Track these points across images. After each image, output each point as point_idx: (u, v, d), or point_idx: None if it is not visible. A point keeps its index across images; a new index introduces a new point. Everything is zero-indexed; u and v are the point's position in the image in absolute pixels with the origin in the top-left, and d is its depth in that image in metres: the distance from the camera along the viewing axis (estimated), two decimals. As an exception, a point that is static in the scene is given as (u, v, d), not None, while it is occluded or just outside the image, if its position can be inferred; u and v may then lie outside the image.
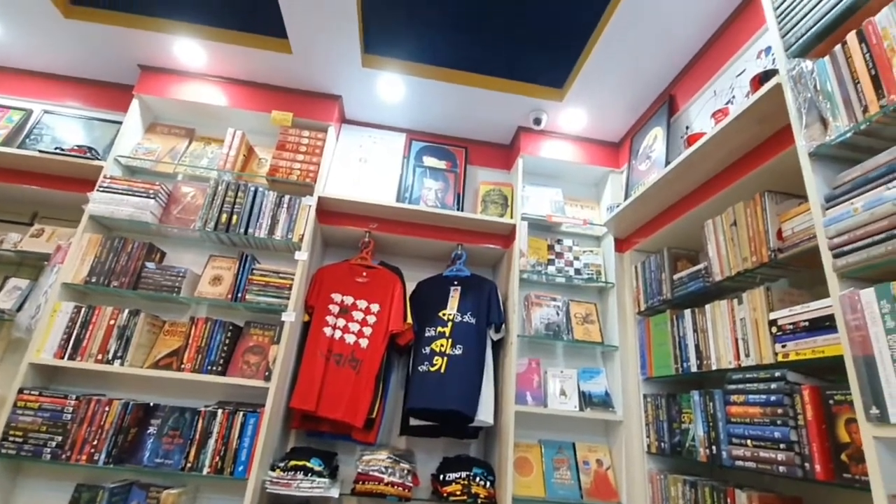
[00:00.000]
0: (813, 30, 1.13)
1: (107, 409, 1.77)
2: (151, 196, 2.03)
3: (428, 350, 2.08)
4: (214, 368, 1.88)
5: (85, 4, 2.04)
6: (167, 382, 2.00)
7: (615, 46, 1.90)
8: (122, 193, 2.02)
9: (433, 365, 2.03)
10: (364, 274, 2.18)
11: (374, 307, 2.11)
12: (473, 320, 2.13)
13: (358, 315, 2.10)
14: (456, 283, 2.24)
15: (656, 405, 1.89)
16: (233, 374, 1.90)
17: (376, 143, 2.44)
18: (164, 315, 2.09)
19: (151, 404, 1.86)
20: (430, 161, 2.48)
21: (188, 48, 2.16)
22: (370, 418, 1.96)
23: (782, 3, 1.24)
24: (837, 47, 1.06)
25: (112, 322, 1.88)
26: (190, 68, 2.30)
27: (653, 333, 1.97)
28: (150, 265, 1.99)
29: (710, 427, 1.53)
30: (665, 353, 1.85)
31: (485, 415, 1.97)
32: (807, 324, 1.21)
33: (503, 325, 2.16)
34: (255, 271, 2.00)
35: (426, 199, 2.35)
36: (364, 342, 2.06)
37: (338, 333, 2.07)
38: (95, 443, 1.73)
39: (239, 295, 1.97)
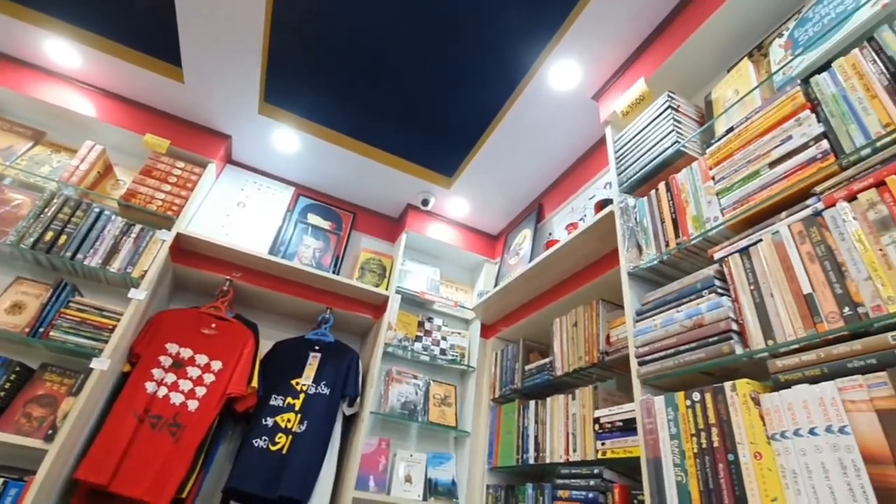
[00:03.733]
0: (638, 175, 1.40)
1: None
2: (-45, 195, 1.67)
3: (270, 422, 1.88)
4: (-24, 420, 1.48)
5: (-63, -31, 1.77)
6: None
7: (499, 154, 2.14)
8: (-89, 184, 1.64)
9: (274, 443, 1.83)
10: (213, 325, 1.97)
11: (216, 364, 1.88)
12: (328, 391, 2.00)
13: (193, 372, 1.85)
14: (317, 348, 2.12)
15: (496, 497, 1.88)
16: (4, 429, 1.50)
17: (260, 190, 2.35)
18: (-76, 343, 1.63)
19: None
20: (314, 219, 2.44)
21: (62, 49, 1.95)
22: (179, 498, 1.66)
23: (620, 150, 1.52)
24: (653, 191, 1.31)
25: None
26: (60, 69, 2.06)
27: (503, 422, 2.01)
28: (-77, 277, 1.58)
29: (538, 523, 1.55)
30: (510, 442, 1.89)
31: (319, 500, 1.78)
32: (621, 424, 1.33)
33: (358, 400, 2.05)
34: (71, 304, 1.69)
35: (302, 257, 2.26)
36: (193, 404, 1.79)
37: (162, 391, 1.78)
38: None
39: (41, 329, 1.63)
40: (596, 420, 1.42)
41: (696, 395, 0.98)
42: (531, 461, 1.71)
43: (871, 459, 0.69)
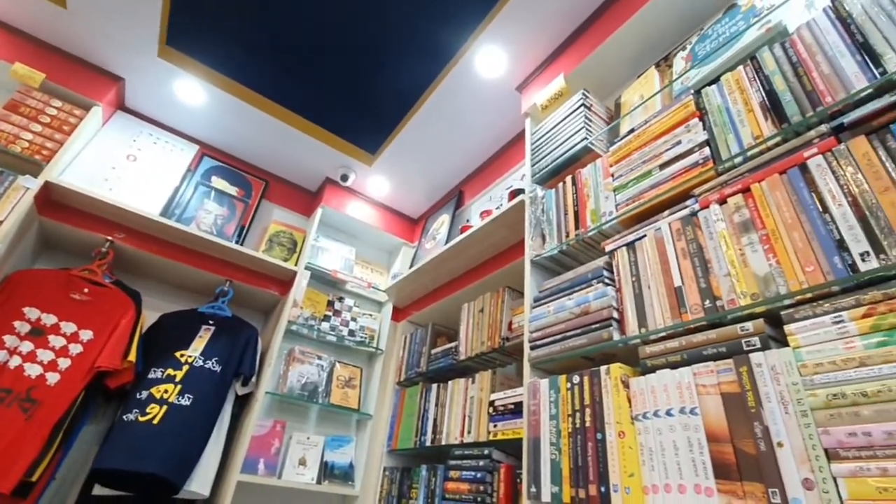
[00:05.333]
0: (549, 167, 1.43)
1: None
2: None
3: (145, 395, 1.70)
4: None
5: None
6: None
7: (422, 135, 2.10)
8: None
9: (145, 413, 1.65)
10: (86, 290, 1.74)
11: (85, 334, 1.67)
12: (218, 368, 1.85)
13: (57, 341, 1.62)
14: (211, 322, 1.96)
15: (392, 479, 1.88)
16: None
17: (157, 143, 2.11)
18: None
19: None
20: (219, 183, 2.24)
21: None
22: (27, 481, 1.45)
23: (536, 142, 1.56)
24: (561, 184, 1.35)
25: None
26: None
27: (405, 405, 2.01)
28: None
29: (429, 503, 1.56)
30: (410, 425, 1.89)
31: (199, 484, 1.65)
32: (513, 406, 1.37)
33: (253, 379, 1.93)
34: None
35: (201, 222, 2.07)
36: (53, 377, 1.57)
37: (15, 361, 1.55)
38: None
39: None
40: (491, 403, 1.45)
41: (577, 378, 1.02)
42: (428, 443, 1.72)
43: (713, 438, 0.76)
